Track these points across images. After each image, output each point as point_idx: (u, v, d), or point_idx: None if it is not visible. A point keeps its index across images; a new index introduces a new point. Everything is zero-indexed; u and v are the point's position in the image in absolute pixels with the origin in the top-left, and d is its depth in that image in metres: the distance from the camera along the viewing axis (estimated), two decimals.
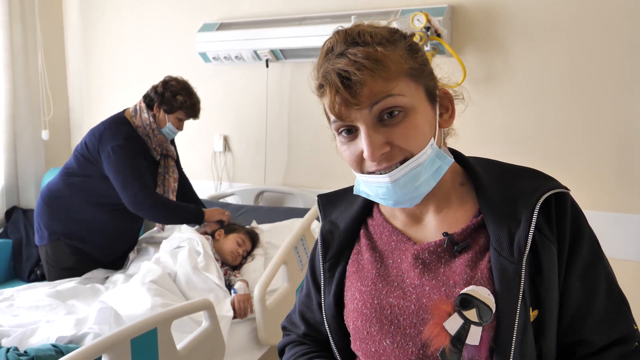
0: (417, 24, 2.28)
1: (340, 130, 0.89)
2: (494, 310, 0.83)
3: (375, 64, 0.82)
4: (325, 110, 0.90)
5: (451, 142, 0.99)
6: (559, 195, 0.88)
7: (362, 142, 0.86)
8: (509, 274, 0.83)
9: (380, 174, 0.87)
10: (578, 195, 0.92)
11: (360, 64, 0.82)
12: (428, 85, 0.89)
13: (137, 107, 2.56)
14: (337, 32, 0.88)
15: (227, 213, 2.63)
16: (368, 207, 1.03)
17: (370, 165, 0.87)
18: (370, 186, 0.90)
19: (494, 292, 0.84)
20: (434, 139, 0.88)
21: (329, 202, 1.08)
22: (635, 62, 2.18)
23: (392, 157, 0.86)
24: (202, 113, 2.67)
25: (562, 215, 0.88)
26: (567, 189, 0.89)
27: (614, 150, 2.25)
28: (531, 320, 0.84)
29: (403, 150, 0.85)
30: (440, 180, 0.91)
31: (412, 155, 0.86)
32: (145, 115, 2.52)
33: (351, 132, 0.88)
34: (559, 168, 2.32)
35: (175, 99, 2.51)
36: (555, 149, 2.34)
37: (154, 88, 2.56)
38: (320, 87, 0.87)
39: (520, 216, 0.86)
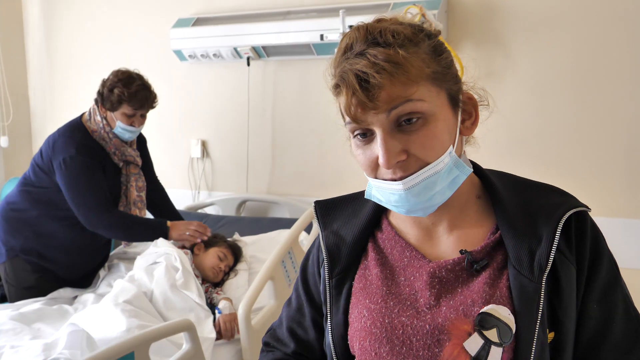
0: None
1: (355, 134, 0.90)
2: (514, 331, 0.85)
3: (396, 68, 0.83)
4: (340, 110, 0.91)
5: (469, 151, 1.00)
6: (579, 213, 0.91)
7: (377, 148, 0.87)
8: (528, 293, 0.86)
9: (394, 181, 0.88)
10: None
11: (380, 67, 0.83)
12: (451, 89, 0.90)
13: (91, 110, 2.56)
14: (357, 29, 0.89)
15: (192, 227, 2.51)
16: (376, 218, 1.04)
17: (385, 172, 0.89)
18: (383, 192, 0.91)
19: (513, 312, 0.86)
20: (453, 146, 0.90)
21: (328, 210, 1.08)
22: None
23: (407, 167, 0.87)
24: (177, 116, 2.68)
25: (582, 235, 0.90)
26: (587, 207, 0.92)
27: (621, 150, 2.30)
28: (548, 341, 0.87)
29: (419, 160, 0.87)
30: (459, 191, 0.93)
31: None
32: (98, 117, 2.52)
33: (366, 135, 0.89)
34: (562, 170, 2.37)
35: (113, 93, 2.47)
36: (559, 149, 2.39)
37: (98, 87, 2.56)
38: (337, 86, 0.88)
39: (541, 234, 0.89)
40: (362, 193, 1.05)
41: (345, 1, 2.70)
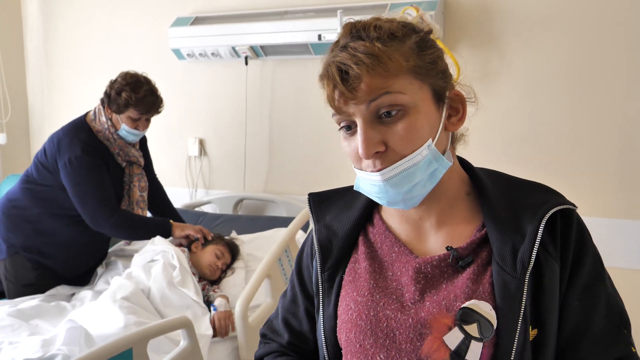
0: None
1: (341, 126, 0.93)
2: (495, 326, 0.87)
3: (373, 60, 0.86)
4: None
5: (460, 149, 1.02)
6: (565, 211, 0.92)
7: (357, 138, 0.89)
8: (510, 290, 0.88)
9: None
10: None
11: (358, 59, 0.86)
12: (436, 84, 0.92)
13: (96, 110, 2.56)
14: (346, 25, 0.93)
15: (196, 228, 2.57)
16: (367, 212, 1.06)
17: (366, 164, 0.91)
18: (365, 183, 0.94)
19: (495, 308, 0.88)
20: (433, 140, 0.91)
21: (322, 202, 1.10)
22: (637, 59, 2.25)
23: (385, 159, 0.89)
24: (175, 114, 2.68)
25: (567, 233, 0.92)
26: (574, 205, 0.93)
27: (615, 152, 2.31)
28: (530, 339, 0.88)
29: (397, 153, 0.89)
30: (446, 187, 0.96)
31: None
32: (103, 118, 2.52)
33: (351, 128, 0.92)
34: (555, 171, 2.38)
35: (120, 96, 2.48)
36: (553, 150, 2.40)
37: (105, 88, 2.57)
38: (321, 79, 0.93)
39: (524, 231, 0.90)
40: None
41: (343, 1, 2.71)
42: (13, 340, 1.97)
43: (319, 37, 2.62)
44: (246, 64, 2.94)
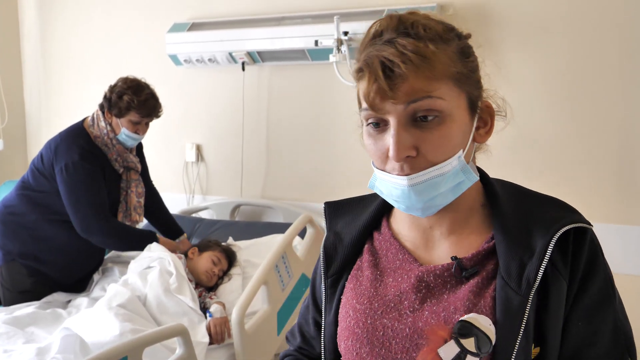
0: None
1: (369, 122, 0.89)
2: (493, 342, 0.84)
3: (423, 61, 0.83)
4: (358, 95, 0.91)
5: (480, 158, 1.00)
6: (580, 229, 0.89)
7: (389, 139, 0.86)
8: (513, 306, 0.85)
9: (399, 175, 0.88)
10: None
11: (407, 57, 0.83)
12: (472, 93, 0.90)
13: (94, 116, 2.56)
14: (390, 17, 0.88)
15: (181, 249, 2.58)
16: (376, 220, 1.05)
17: (393, 167, 0.88)
18: (386, 185, 0.91)
19: (494, 323, 0.85)
20: (464, 151, 0.89)
21: (337, 210, 1.10)
22: (635, 63, 2.25)
23: (415, 165, 0.87)
24: (172, 120, 2.67)
25: (579, 251, 0.88)
26: (589, 224, 0.90)
27: (613, 156, 2.31)
28: (532, 357, 0.85)
29: (427, 161, 0.86)
30: (464, 198, 0.93)
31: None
32: (102, 123, 2.52)
33: (379, 125, 0.88)
34: (554, 176, 2.37)
35: (122, 100, 2.48)
36: (551, 156, 2.40)
37: (105, 93, 2.57)
38: (360, 70, 0.88)
39: (534, 246, 0.87)
40: (370, 195, 1.06)
41: (340, 7, 2.71)
42: (8, 349, 1.96)
43: (316, 42, 2.62)
44: (243, 69, 2.94)
